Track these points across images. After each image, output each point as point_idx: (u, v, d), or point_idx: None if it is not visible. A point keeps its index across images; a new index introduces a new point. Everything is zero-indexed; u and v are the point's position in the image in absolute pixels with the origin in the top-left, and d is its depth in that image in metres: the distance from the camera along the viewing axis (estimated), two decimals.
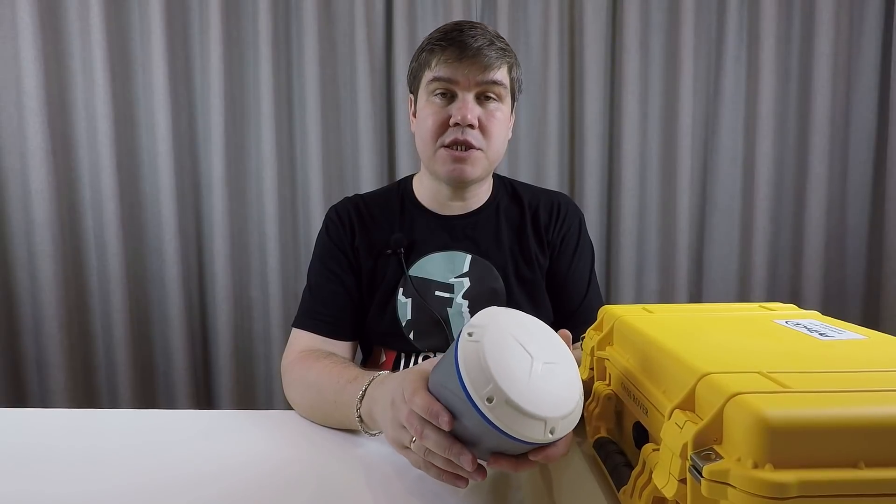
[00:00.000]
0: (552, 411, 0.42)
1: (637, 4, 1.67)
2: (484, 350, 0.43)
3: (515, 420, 0.41)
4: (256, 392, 1.74)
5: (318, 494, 0.53)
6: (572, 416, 0.44)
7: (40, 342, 1.58)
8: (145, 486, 0.55)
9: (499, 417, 0.41)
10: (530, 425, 0.41)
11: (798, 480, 0.31)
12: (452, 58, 0.78)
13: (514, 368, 0.43)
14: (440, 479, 0.48)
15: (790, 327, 0.52)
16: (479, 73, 0.79)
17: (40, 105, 1.51)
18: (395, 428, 0.51)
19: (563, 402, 0.44)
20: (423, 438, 0.46)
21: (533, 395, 0.42)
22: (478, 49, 0.78)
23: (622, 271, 1.75)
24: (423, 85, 0.84)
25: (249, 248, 1.72)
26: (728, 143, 1.74)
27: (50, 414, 0.75)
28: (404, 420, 0.48)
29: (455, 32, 0.79)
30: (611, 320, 0.60)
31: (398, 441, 0.52)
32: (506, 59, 0.81)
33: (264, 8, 1.61)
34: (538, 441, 0.43)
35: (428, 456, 0.48)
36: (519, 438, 0.42)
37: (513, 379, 0.42)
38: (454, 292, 0.87)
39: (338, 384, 0.67)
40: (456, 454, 0.45)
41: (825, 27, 1.65)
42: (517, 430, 0.41)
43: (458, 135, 0.80)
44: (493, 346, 0.43)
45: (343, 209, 0.92)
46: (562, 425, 0.43)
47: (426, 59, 0.82)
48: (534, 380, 0.43)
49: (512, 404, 0.41)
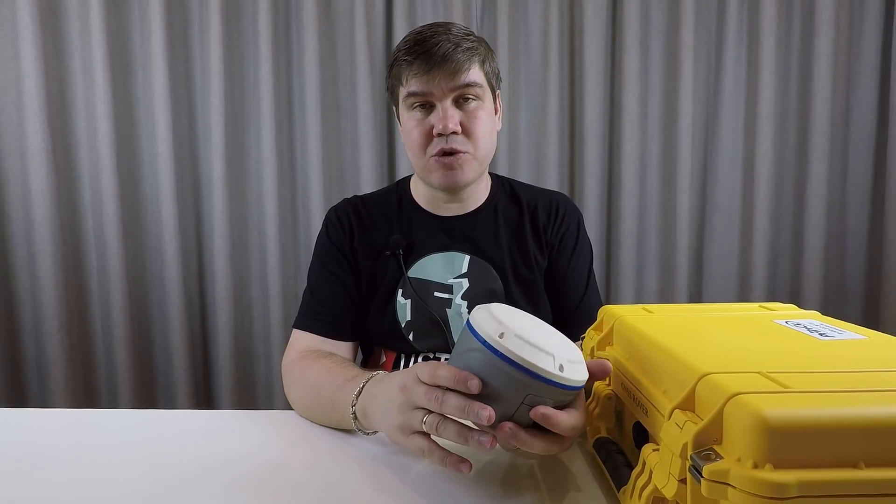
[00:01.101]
0: (559, 351, 0.46)
1: (637, 4, 1.67)
2: (491, 310, 0.48)
3: (526, 350, 0.45)
4: (256, 392, 1.74)
5: (318, 494, 0.54)
6: (581, 368, 0.48)
7: (40, 342, 1.58)
8: (145, 486, 0.55)
9: (511, 348, 0.44)
10: (541, 357, 0.45)
11: (798, 480, 0.31)
12: (421, 71, 0.78)
13: (520, 322, 0.48)
14: (444, 463, 0.49)
15: (790, 327, 0.52)
16: (450, 80, 0.78)
17: (40, 105, 1.51)
18: (405, 412, 0.51)
19: (571, 351, 0.48)
20: (443, 406, 0.47)
21: (539, 337, 0.46)
22: (444, 56, 0.77)
23: (622, 271, 1.75)
24: (400, 99, 0.83)
25: (249, 248, 1.72)
26: (728, 143, 1.74)
27: (50, 414, 0.74)
28: (421, 396, 0.49)
29: (419, 44, 0.78)
30: (611, 320, 0.60)
31: (406, 426, 0.51)
32: (475, 58, 0.80)
33: (264, 8, 1.61)
34: (550, 375, 0.45)
35: (439, 430, 0.48)
36: (531, 370, 0.44)
37: (521, 326, 0.47)
38: (453, 293, 0.87)
39: (335, 383, 0.67)
40: (475, 411, 0.45)
41: (825, 27, 1.65)
42: (527, 359, 0.44)
43: (443, 144, 0.80)
44: (500, 309, 0.49)
45: (342, 210, 0.92)
46: (570, 368, 0.46)
47: (398, 74, 0.82)
48: (539, 332, 0.48)
49: (521, 336, 0.45)
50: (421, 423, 0.49)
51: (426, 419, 0.49)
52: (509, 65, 1.68)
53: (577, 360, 0.48)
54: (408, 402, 0.51)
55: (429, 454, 0.50)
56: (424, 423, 0.49)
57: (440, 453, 0.49)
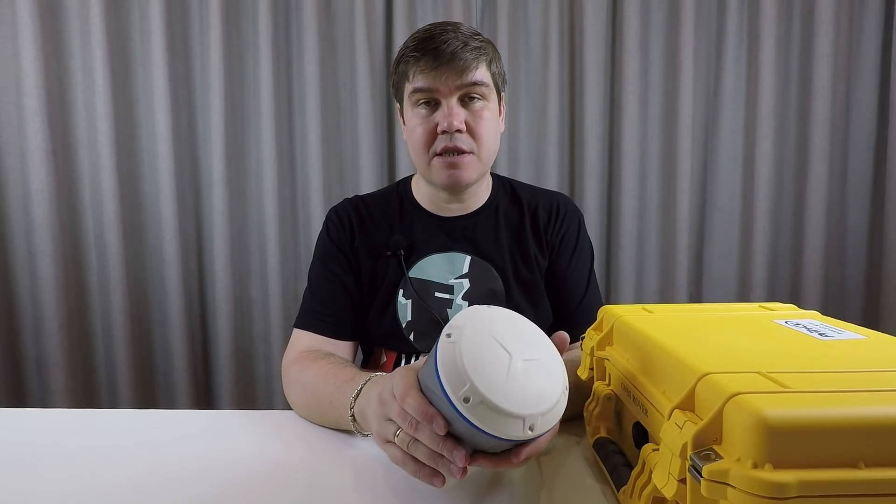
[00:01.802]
0: (531, 408, 0.43)
1: (637, 4, 1.67)
2: (461, 351, 0.43)
3: (493, 419, 0.42)
4: (256, 392, 1.74)
5: (318, 494, 0.54)
6: (554, 412, 0.45)
7: (40, 342, 1.58)
8: (145, 486, 0.55)
9: (476, 417, 0.42)
10: (509, 423, 0.42)
11: (798, 480, 0.31)
12: (429, 67, 0.78)
13: (490, 368, 0.43)
14: (417, 475, 0.49)
15: (790, 327, 0.52)
16: (457, 78, 0.78)
17: (40, 105, 1.51)
18: (381, 422, 0.52)
19: (544, 398, 0.44)
20: (416, 433, 0.47)
21: (511, 392, 0.43)
22: (452, 54, 0.77)
23: (622, 271, 1.75)
24: (405, 96, 0.83)
25: (249, 248, 1.72)
26: (728, 143, 1.74)
27: (50, 414, 0.75)
28: (395, 416, 0.49)
29: (427, 41, 0.78)
30: (610, 320, 0.60)
31: (382, 434, 0.52)
32: (483, 57, 0.80)
33: (264, 8, 1.61)
34: (518, 438, 0.43)
35: (411, 449, 0.48)
36: (498, 436, 0.42)
37: (489, 378, 0.42)
38: (454, 293, 0.87)
39: (335, 384, 0.67)
40: (449, 450, 0.45)
41: (825, 27, 1.65)
42: (496, 428, 0.42)
43: (448, 142, 0.80)
44: (471, 346, 0.44)
45: (343, 210, 0.91)
46: (542, 421, 0.43)
47: (404, 70, 0.82)
48: (512, 378, 0.44)
49: (488, 404, 0.41)
50: (394, 436, 0.49)
51: (399, 434, 0.49)
52: (509, 65, 1.68)
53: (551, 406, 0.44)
54: (383, 414, 0.51)
55: (402, 465, 0.50)
56: (397, 438, 0.49)
57: (414, 466, 0.49)
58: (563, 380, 0.47)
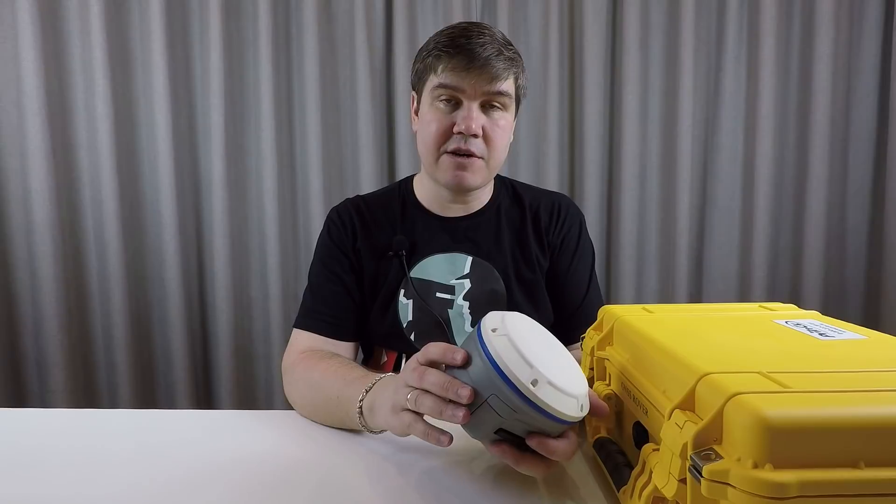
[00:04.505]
0: (580, 388, 0.47)
1: (637, 4, 1.67)
2: (514, 341, 0.46)
3: (558, 399, 0.45)
4: (256, 392, 1.74)
5: (318, 494, 0.54)
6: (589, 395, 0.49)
7: (40, 342, 1.58)
8: (145, 486, 0.55)
9: (545, 398, 0.44)
10: (569, 403, 0.45)
11: (798, 480, 0.31)
12: (460, 66, 0.77)
13: (542, 354, 0.47)
14: (425, 436, 0.50)
15: (790, 327, 0.52)
16: (486, 84, 0.78)
17: (40, 105, 1.51)
18: (398, 391, 0.54)
19: (582, 382, 0.49)
20: (423, 381, 0.49)
21: (563, 375, 0.46)
22: (486, 59, 0.76)
23: (622, 271, 1.75)
24: (427, 89, 0.82)
25: (249, 248, 1.72)
26: (728, 143, 1.74)
27: (50, 414, 0.75)
28: (409, 373, 0.51)
29: (463, 39, 0.77)
30: (611, 320, 0.60)
31: (397, 404, 0.53)
32: (513, 69, 0.80)
33: (264, 8, 1.61)
34: (575, 418, 0.46)
35: (418, 403, 0.50)
36: (560, 417, 0.45)
37: (546, 363, 0.46)
38: (455, 294, 0.87)
39: (344, 380, 0.68)
40: (455, 389, 0.47)
41: (825, 27, 1.65)
42: (560, 407, 0.45)
43: (461, 143, 0.79)
44: (520, 338, 0.47)
45: (344, 210, 0.91)
46: (586, 403, 0.48)
47: (432, 63, 0.81)
48: (557, 363, 0.48)
49: (554, 385, 0.45)
50: (406, 400, 0.52)
51: (409, 395, 0.51)
52: None
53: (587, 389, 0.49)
54: (401, 380, 0.54)
55: (412, 427, 0.52)
56: (408, 399, 0.51)
57: (423, 427, 0.51)
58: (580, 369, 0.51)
